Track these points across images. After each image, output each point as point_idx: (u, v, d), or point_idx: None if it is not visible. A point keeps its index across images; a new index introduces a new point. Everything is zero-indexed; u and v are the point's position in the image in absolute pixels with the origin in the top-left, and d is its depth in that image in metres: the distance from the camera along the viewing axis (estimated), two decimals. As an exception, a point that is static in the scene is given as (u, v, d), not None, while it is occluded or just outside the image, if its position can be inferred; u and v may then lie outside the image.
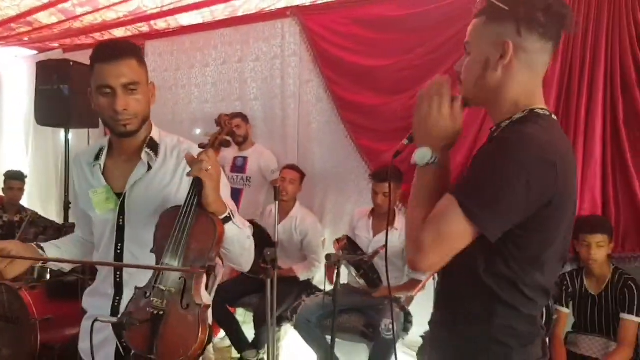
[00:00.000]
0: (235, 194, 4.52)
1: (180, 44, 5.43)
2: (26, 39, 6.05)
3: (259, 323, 3.89)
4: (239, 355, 3.99)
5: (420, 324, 3.67)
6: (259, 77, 4.91)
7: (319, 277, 4.40)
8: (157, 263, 1.60)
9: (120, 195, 1.80)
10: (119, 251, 1.79)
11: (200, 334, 1.50)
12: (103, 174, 1.84)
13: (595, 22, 3.19)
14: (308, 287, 4.22)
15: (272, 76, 4.82)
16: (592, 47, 3.20)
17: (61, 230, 4.10)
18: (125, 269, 1.79)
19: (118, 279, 1.80)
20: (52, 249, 1.86)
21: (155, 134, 1.85)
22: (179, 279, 1.56)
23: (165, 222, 1.63)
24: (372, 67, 4.09)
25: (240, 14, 4.81)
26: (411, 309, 3.69)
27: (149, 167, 1.80)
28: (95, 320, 1.51)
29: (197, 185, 1.57)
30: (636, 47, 3.05)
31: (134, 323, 1.49)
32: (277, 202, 3.15)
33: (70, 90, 4.90)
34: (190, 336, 1.49)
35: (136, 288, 1.61)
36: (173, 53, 5.49)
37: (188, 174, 1.57)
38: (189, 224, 1.56)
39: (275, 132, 4.82)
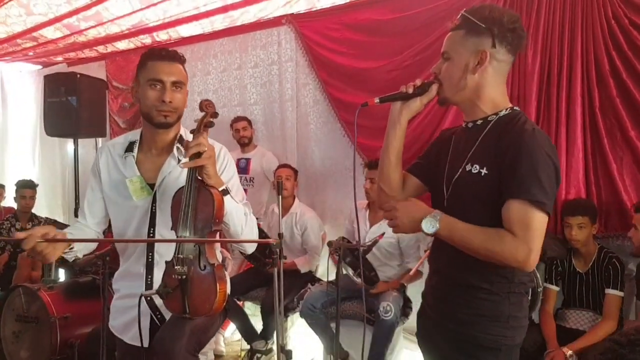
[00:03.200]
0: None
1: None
2: (31, 53, 6.28)
3: (266, 314, 4.10)
4: (248, 347, 4.19)
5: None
6: (258, 82, 5.14)
7: (321, 270, 4.61)
8: (176, 237, 1.83)
9: (151, 185, 2.03)
10: (152, 234, 2.02)
11: (219, 288, 1.73)
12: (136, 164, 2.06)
13: (570, 19, 3.41)
14: (311, 279, 4.42)
15: (270, 81, 5.05)
16: (569, 42, 3.42)
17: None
18: (156, 251, 2.01)
19: (150, 260, 2.02)
20: (72, 231, 2.08)
21: (182, 132, 2.09)
22: (194, 246, 1.81)
23: (176, 202, 1.87)
24: (364, 69, 4.31)
25: (239, 23, 5.04)
26: (411, 295, 3.91)
27: (178, 161, 2.03)
28: (141, 296, 1.75)
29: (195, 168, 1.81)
30: (608, 40, 3.28)
31: (168, 291, 1.73)
32: (280, 196, 3.36)
33: (78, 101, 5.13)
34: (211, 291, 1.75)
35: (166, 262, 1.84)
36: (174, 63, 5.69)
37: (184, 165, 1.81)
38: (192, 199, 1.80)
39: (275, 134, 5.05)
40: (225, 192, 1.87)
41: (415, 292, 3.92)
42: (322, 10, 4.60)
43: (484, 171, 1.65)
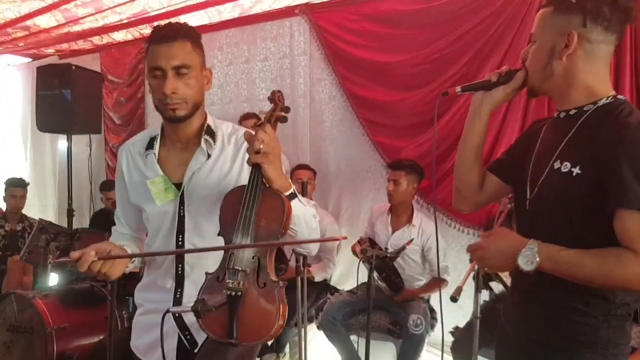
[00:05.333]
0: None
1: (183, 47, 5.34)
2: (21, 44, 5.93)
3: (280, 325, 3.81)
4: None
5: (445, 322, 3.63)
6: (267, 77, 4.86)
7: (335, 278, 4.35)
8: (227, 245, 1.54)
9: (178, 185, 1.73)
10: (180, 242, 1.72)
11: (281, 312, 1.44)
12: (158, 163, 1.77)
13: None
14: (326, 288, 4.16)
15: (281, 76, 4.78)
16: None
17: (73, 236, 3.98)
18: (186, 262, 1.71)
19: (180, 271, 1.73)
20: (127, 245, 1.79)
21: (210, 121, 1.79)
22: (252, 257, 1.51)
23: (231, 203, 1.57)
24: (386, 62, 4.06)
25: (252, 12, 4.76)
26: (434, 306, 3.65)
27: (208, 156, 1.73)
28: (167, 311, 1.45)
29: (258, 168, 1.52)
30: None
31: (210, 309, 1.43)
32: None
33: (73, 94, 4.81)
34: (270, 314, 1.45)
35: (206, 274, 1.54)
36: (176, 55, 5.40)
37: (248, 162, 1.52)
38: (256, 202, 1.51)
39: (286, 133, 4.74)
40: (293, 195, 1.58)
41: (437, 301, 3.67)
42: (340, 0, 4.33)
43: (575, 170, 1.39)
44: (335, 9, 4.36)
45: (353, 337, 3.55)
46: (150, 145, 1.79)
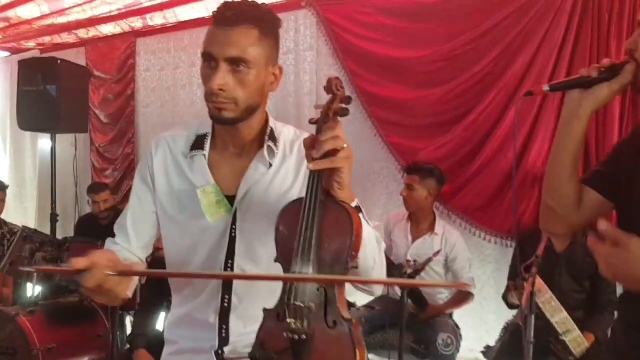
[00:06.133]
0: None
1: (179, 41, 5.04)
2: (0, 36, 5.52)
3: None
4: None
5: (466, 338, 3.38)
6: (269, 73, 4.54)
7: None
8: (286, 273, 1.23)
9: (228, 198, 1.40)
10: (229, 267, 1.39)
11: (358, 357, 1.14)
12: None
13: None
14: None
15: (284, 72, 4.42)
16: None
17: (61, 246, 3.63)
18: (234, 291, 1.39)
19: (226, 303, 1.40)
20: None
21: (272, 123, 1.45)
22: (317, 289, 1.19)
23: (288, 220, 1.25)
24: (402, 58, 3.77)
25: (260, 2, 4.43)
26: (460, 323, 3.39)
27: (270, 165, 1.41)
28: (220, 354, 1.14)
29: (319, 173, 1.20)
30: None
31: (271, 356, 1.12)
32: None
33: (58, 90, 4.47)
34: None
35: (264, 310, 1.23)
36: (170, 50, 5.09)
37: (314, 165, 1.17)
38: (316, 218, 1.19)
39: (291, 134, 4.46)
40: (358, 209, 1.26)
41: (461, 319, 3.43)
42: (349, -7, 4.05)
43: None
44: (345, 1, 4.07)
45: (372, 356, 3.26)
46: (198, 145, 1.43)
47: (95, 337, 3.46)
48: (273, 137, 1.42)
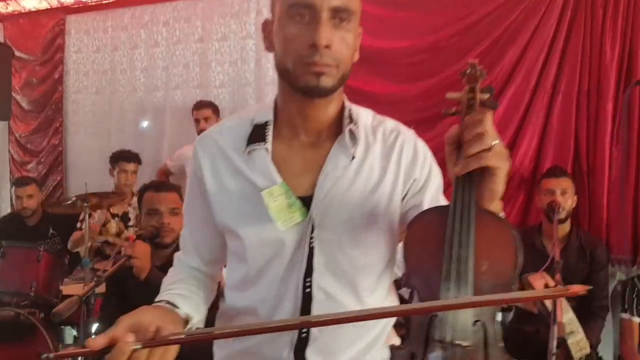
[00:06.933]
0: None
1: (118, 20, 4.53)
2: None
3: None
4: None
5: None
6: (226, 59, 4.17)
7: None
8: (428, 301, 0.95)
9: (304, 200, 1.08)
10: (307, 288, 1.08)
11: None
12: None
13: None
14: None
15: (243, 59, 4.12)
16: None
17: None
18: None
19: (304, 334, 1.09)
20: (180, 300, 1.07)
21: (348, 105, 1.14)
22: (474, 323, 0.93)
23: (424, 234, 0.99)
24: (383, 49, 3.52)
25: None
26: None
27: (352, 157, 1.09)
28: None
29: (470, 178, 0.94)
30: None
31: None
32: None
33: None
34: None
35: (391, 348, 0.95)
36: (107, 30, 4.56)
37: (460, 170, 0.92)
38: (471, 233, 0.93)
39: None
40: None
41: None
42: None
43: None
44: (317, -18, 3.77)
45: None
46: (257, 137, 1.10)
47: (35, 356, 3.00)
48: (353, 120, 1.11)
